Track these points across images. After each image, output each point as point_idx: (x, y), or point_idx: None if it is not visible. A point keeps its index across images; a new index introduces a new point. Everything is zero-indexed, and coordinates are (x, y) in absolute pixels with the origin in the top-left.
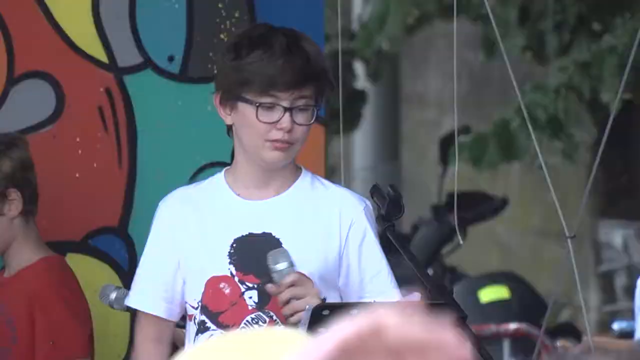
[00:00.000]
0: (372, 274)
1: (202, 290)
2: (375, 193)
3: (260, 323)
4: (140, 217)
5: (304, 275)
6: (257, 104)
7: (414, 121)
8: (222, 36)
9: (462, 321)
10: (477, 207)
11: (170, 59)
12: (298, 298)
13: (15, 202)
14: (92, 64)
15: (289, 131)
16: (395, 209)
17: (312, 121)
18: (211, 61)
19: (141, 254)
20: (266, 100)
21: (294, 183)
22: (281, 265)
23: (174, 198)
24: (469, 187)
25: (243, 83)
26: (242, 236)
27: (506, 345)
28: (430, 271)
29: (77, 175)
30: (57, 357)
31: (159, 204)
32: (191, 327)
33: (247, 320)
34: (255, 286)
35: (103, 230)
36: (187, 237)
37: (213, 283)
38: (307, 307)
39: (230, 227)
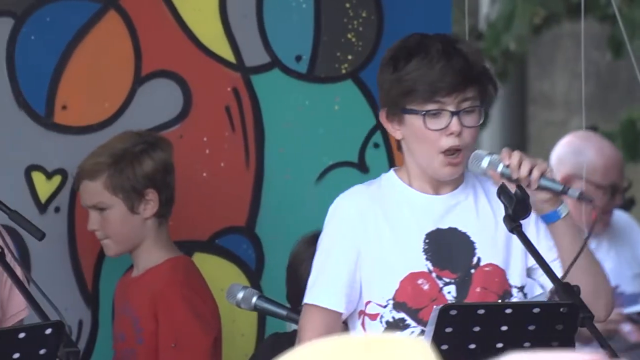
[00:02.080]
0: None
1: (397, 287)
2: (502, 193)
3: None
4: (267, 216)
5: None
6: (424, 113)
7: (540, 121)
8: (349, 36)
9: (589, 321)
10: None
11: (298, 58)
12: (531, 166)
13: (151, 204)
14: (219, 63)
15: (459, 135)
16: (522, 209)
17: (480, 122)
18: (338, 61)
19: (268, 253)
20: (432, 107)
21: (465, 179)
22: (485, 161)
23: (353, 194)
24: None
25: (406, 94)
26: (432, 231)
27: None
28: None
29: (204, 174)
30: (180, 359)
31: (336, 201)
32: (373, 326)
33: None
34: (452, 281)
35: (230, 230)
36: (373, 234)
37: (411, 279)
38: (435, 307)
39: (419, 222)
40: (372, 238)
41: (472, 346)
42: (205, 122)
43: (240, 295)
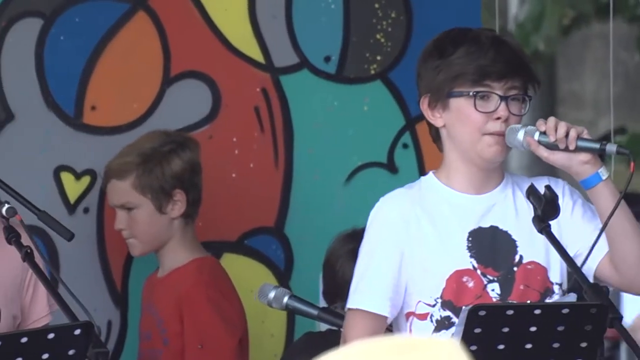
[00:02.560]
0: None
1: (443, 285)
2: (531, 194)
3: None
4: (297, 217)
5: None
6: (474, 93)
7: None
8: (378, 37)
9: (618, 322)
10: (633, 207)
11: (327, 59)
12: (568, 129)
13: (179, 204)
14: (248, 64)
15: (505, 120)
16: (552, 210)
17: (525, 112)
18: (367, 61)
19: (297, 254)
20: (481, 89)
21: (504, 177)
22: (521, 133)
23: (393, 197)
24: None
25: (455, 77)
26: (474, 230)
27: None
28: None
29: (233, 175)
30: None
31: (377, 205)
32: (423, 326)
33: None
34: (496, 279)
35: (259, 231)
36: (416, 235)
37: (456, 277)
38: (464, 307)
39: (461, 221)
40: (415, 239)
41: (501, 347)
42: (234, 122)
43: (271, 294)
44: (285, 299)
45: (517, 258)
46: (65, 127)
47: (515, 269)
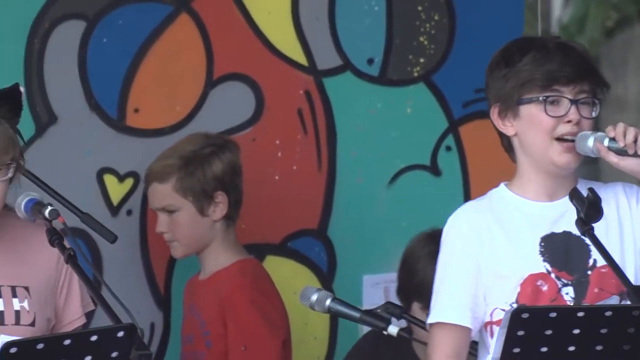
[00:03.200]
0: None
1: (518, 290)
2: (574, 196)
3: None
4: (340, 219)
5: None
6: (544, 98)
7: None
8: (421, 39)
9: None
10: None
11: (370, 61)
12: (636, 134)
13: (220, 206)
14: (291, 66)
15: (577, 123)
16: (594, 213)
17: (596, 114)
18: (410, 64)
19: (340, 256)
20: (551, 94)
21: (577, 184)
22: (591, 140)
23: (464, 211)
24: None
25: (523, 84)
26: (546, 235)
27: None
28: None
29: (276, 177)
30: None
31: (448, 220)
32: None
33: None
34: (570, 282)
35: (302, 233)
36: (488, 244)
37: (530, 281)
38: (507, 310)
39: (533, 227)
40: (488, 249)
41: (544, 349)
42: (277, 125)
43: (314, 297)
44: (328, 302)
45: (590, 262)
46: (108, 129)
47: (589, 272)
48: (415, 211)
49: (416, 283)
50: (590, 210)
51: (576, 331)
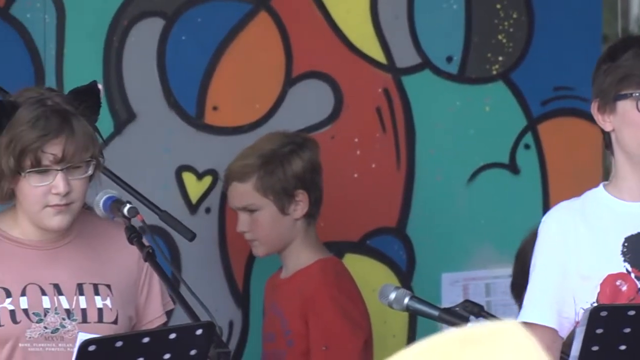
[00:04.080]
0: None
1: (598, 290)
2: None
3: None
4: (419, 217)
5: None
6: (638, 94)
7: None
8: (500, 37)
9: None
10: None
11: (449, 59)
12: None
13: (301, 204)
14: (370, 64)
15: None
16: None
17: None
18: (489, 62)
19: (419, 254)
20: None
21: None
22: None
23: (555, 211)
24: None
25: (621, 79)
26: (633, 235)
27: None
28: None
29: (355, 175)
30: None
31: (543, 218)
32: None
33: None
34: None
35: (381, 231)
36: (575, 245)
37: (609, 281)
38: (586, 308)
39: (619, 227)
40: (573, 250)
41: (623, 347)
42: (356, 123)
43: (392, 295)
44: (406, 300)
45: None
46: (187, 127)
47: None
48: (494, 209)
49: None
50: None
51: None
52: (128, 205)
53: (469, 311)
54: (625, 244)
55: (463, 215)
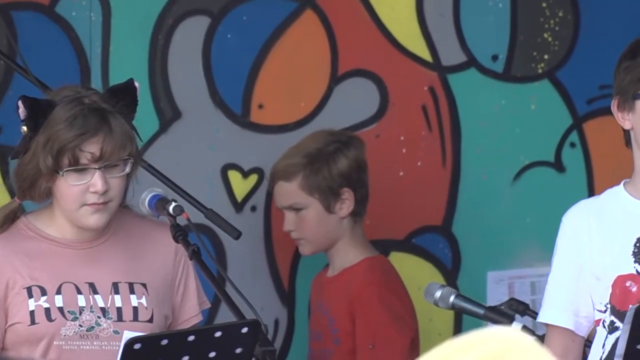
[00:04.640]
0: None
1: (610, 291)
2: None
3: None
4: (464, 215)
5: None
6: None
7: None
8: (545, 35)
9: None
10: None
11: (494, 58)
12: None
13: (347, 202)
14: (415, 62)
15: None
16: None
17: None
18: (535, 60)
19: (465, 252)
20: None
21: None
22: None
23: (572, 210)
24: None
25: (637, 79)
26: None
27: None
28: None
29: (400, 173)
30: None
31: (562, 218)
32: (600, 332)
33: None
34: None
35: (426, 229)
36: (589, 245)
37: (619, 282)
38: (630, 306)
39: (632, 227)
40: (587, 250)
41: None
42: (401, 121)
43: (438, 293)
44: (452, 299)
45: None
46: (233, 125)
47: None
48: (540, 208)
49: None
50: None
51: None
52: (173, 204)
53: (515, 309)
54: (637, 244)
55: (508, 214)
